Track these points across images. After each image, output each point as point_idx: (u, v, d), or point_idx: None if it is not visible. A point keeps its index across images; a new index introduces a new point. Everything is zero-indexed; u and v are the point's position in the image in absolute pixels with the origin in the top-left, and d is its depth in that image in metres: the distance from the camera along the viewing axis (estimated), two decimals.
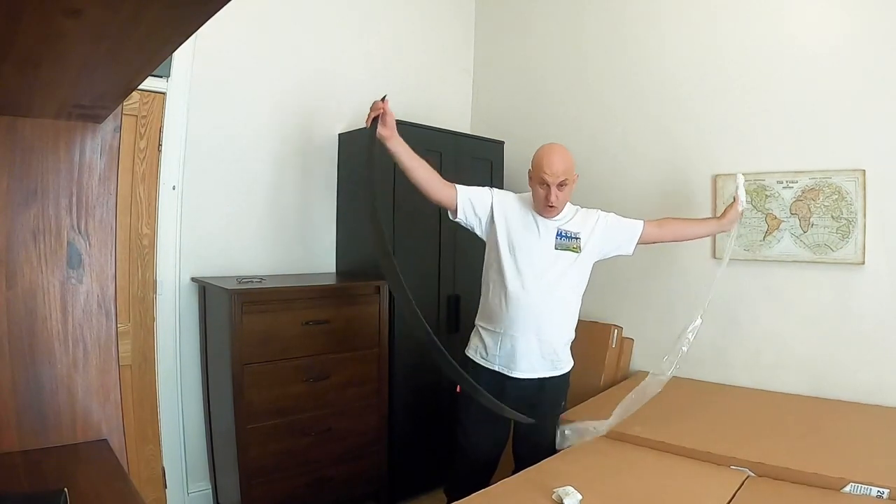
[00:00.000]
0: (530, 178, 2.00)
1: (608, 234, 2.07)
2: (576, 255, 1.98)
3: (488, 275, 2.05)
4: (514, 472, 1.97)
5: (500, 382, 1.99)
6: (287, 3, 2.79)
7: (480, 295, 2.11)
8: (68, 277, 1.08)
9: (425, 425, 2.75)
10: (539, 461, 1.89)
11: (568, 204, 2.04)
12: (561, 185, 1.91)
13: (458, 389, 2.08)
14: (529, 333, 1.95)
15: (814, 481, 1.59)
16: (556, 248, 1.97)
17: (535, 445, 2.03)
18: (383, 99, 1.83)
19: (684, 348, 2.04)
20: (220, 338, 2.33)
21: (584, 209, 2.11)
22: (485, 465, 2.06)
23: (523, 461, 1.98)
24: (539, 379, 1.99)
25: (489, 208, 2.02)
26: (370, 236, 1.84)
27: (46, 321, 1.05)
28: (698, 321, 2.07)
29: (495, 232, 2.00)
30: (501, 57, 3.52)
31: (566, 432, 2.06)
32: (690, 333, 2.06)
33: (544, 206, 1.94)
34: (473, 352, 2.07)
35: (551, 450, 2.04)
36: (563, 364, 2.04)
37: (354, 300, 2.54)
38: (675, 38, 2.77)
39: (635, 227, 2.12)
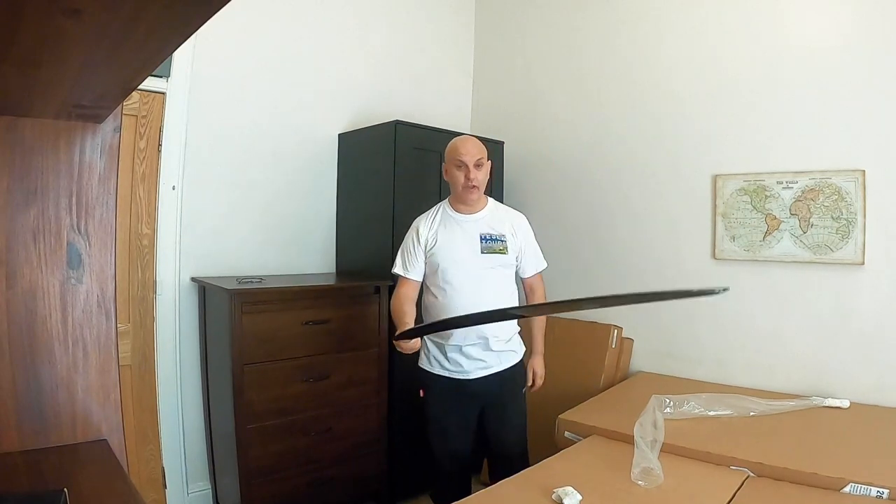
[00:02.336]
0: (446, 171, 2.06)
1: (524, 246, 2.11)
2: (502, 256, 2.03)
3: (428, 292, 2.08)
4: (490, 458, 2.13)
5: (459, 386, 2.04)
6: (287, 4, 2.79)
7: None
8: (68, 277, 1.07)
9: (425, 425, 2.75)
10: (512, 443, 2.05)
11: (490, 199, 2.11)
12: (477, 164, 1.98)
13: (421, 394, 2.13)
14: (470, 339, 2.00)
15: (813, 481, 1.59)
16: (483, 252, 2.00)
17: (502, 429, 2.08)
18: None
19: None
20: (220, 338, 2.33)
21: (504, 206, 2.17)
22: (459, 462, 2.12)
23: (499, 446, 2.08)
24: (496, 374, 2.04)
25: (423, 244, 2.05)
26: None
27: (46, 321, 1.05)
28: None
29: (428, 254, 2.05)
30: (501, 57, 3.52)
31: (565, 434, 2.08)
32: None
33: (465, 189, 1.99)
34: (427, 363, 2.10)
35: (521, 434, 2.11)
36: (513, 356, 2.10)
37: (354, 300, 2.54)
38: (675, 38, 2.77)
39: (538, 264, 2.17)
